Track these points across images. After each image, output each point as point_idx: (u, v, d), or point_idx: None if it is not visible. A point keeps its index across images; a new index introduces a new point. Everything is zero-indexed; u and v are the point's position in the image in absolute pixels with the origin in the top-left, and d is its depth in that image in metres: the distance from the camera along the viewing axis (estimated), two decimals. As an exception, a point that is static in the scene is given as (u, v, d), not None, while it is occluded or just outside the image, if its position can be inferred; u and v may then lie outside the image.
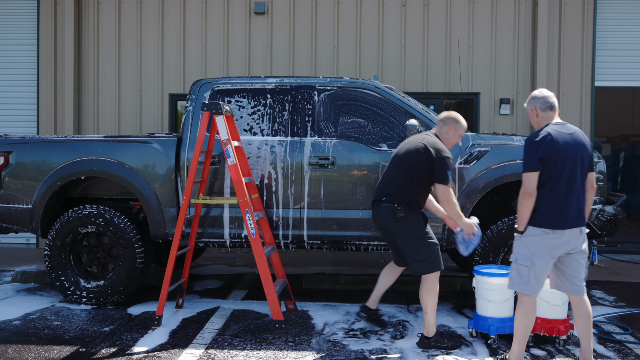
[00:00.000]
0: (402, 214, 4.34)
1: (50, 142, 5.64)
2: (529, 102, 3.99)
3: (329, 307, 5.63)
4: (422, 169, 4.33)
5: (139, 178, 5.45)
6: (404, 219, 4.36)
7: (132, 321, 5.13)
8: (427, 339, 4.43)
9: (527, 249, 3.83)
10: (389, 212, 4.39)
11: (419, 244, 4.38)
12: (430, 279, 4.39)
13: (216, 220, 5.43)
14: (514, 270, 3.91)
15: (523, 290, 3.86)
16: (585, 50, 8.35)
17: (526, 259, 3.82)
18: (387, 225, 4.45)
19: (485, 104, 8.40)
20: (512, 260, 3.93)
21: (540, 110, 3.92)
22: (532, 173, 3.75)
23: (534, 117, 3.96)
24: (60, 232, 5.52)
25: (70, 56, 8.45)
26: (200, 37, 8.57)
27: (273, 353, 4.32)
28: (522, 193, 3.77)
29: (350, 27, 8.48)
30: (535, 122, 3.97)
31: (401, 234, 4.40)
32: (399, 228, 4.39)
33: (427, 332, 4.44)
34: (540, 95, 3.94)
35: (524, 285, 3.85)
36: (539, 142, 3.75)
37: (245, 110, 5.53)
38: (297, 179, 5.36)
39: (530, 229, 3.82)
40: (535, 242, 3.80)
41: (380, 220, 4.48)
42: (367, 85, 5.49)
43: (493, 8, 8.41)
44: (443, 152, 4.32)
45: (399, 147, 4.53)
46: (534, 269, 3.80)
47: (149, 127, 8.57)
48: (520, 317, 3.89)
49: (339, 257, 8.03)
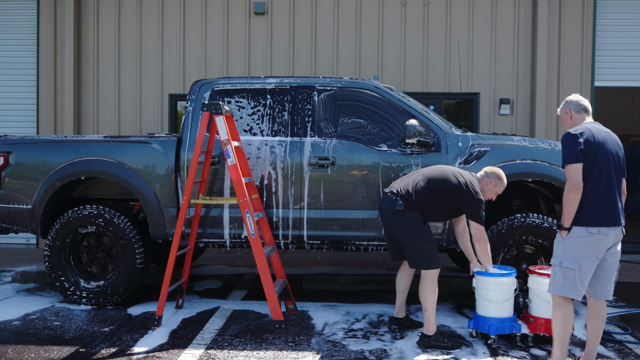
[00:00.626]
0: (401, 208, 4.41)
1: (50, 143, 5.64)
2: (562, 107, 4.02)
3: (329, 307, 5.63)
4: (450, 197, 4.44)
5: (138, 178, 5.44)
6: (402, 213, 4.43)
7: (132, 321, 5.13)
8: (427, 338, 4.44)
9: (572, 251, 3.71)
10: (389, 204, 4.48)
11: (415, 241, 4.43)
12: (429, 275, 4.41)
13: (216, 220, 5.43)
14: (558, 274, 3.77)
15: (569, 294, 3.74)
16: (585, 50, 8.36)
17: (572, 261, 3.70)
18: (386, 217, 4.54)
19: (485, 104, 8.40)
20: (555, 264, 3.80)
21: (574, 112, 3.93)
22: (576, 164, 3.66)
23: (568, 120, 3.96)
24: (60, 232, 5.52)
25: (70, 56, 8.45)
26: (200, 37, 8.57)
27: (273, 353, 4.32)
28: (569, 187, 3.66)
29: (350, 27, 8.48)
30: (569, 124, 3.96)
31: (398, 228, 4.47)
32: (396, 221, 4.46)
33: (427, 331, 4.46)
34: (574, 99, 3.98)
35: (570, 289, 3.73)
36: (578, 135, 3.70)
37: (245, 111, 5.53)
38: (297, 179, 5.36)
39: (575, 230, 3.72)
40: (580, 243, 3.70)
41: (381, 211, 4.60)
42: (367, 86, 5.48)
43: (493, 8, 8.41)
44: (478, 194, 4.43)
45: (434, 170, 4.58)
46: (580, 271, 3.69)
47: (148, 127, 8.57)
48: (560, 319, 3.79)
49: (339, 257, 8.03)
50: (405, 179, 4.62)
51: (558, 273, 3.79)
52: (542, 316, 4.54)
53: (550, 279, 3.88)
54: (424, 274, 4.44)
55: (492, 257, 5.16)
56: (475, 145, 5.29)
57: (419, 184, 4.48)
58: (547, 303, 4.49)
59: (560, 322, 3.80)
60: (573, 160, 3.67)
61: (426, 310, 4.43)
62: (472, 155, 5.25)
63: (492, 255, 5.16)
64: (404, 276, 4.83)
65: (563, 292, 3.76)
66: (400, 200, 4.43)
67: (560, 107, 4.05)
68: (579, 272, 3.70)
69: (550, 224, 5.13)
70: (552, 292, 3.83)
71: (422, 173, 4.60)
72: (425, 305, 4.43)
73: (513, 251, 5.29)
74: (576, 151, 3.67)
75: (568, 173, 3.70)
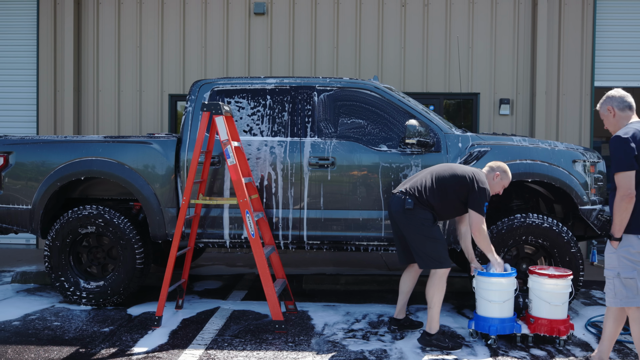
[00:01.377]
0: (410, 206, 4.40)
1: (50, 143, 5.64)
2: (603, 103, 3.79)
3: (329, 308, 5.63)
4: (459, 191, 4.44)
5: (138, 178, 5.44)
6: (412, 212, 4.42)
7: (132, 322, 5.13)
8: (429, 336, 4.44)
9: (627, 260, 3.60)
10: (398, 203, 4.48)
11: (424, 240, 4.42)
12: (439, 274, 4.42)
13: (216, 220, 5.43)
14: (617, 285, 3.63)
15: (633, 304, 3.62)
16: (585, 50, 8.36)
17: (630, 270, 3.59)
18: (395, 217, 4.51)
19: (485, 104, 8.40)
20: (612, 276, 3.67)
21: (617, 110, 3.72)
22: (630, 172, 3.49)
23: (611, 118, 3.75)
24: (60, 232, 5.52)
25: (70, 56, 8.45)
26: (200, 37, 8.57)
27: (273, 353, 4.32)
28: (622, 195, 3.50)
29: (350, 27, 8.48)
30: (611, 123, 3.76)
31: (408, 227, 4.45)
32: (405, 221, 4.45)
33: (429, 329, 4.46)
34: (617, 94, 3.75)
35: (634, 298, 3.60)
36: (630, 139, 3.49)
37: (245, 111, 5.53)
38: (296, 180, 5.36)
39: (627, 238, 3.60)
40: (634, 251, 3.59)
41: (390, 211, 4.59)
42: (367, 86, 5.48)
43: (493, 8, 8.41)
44: (485, 184, 4.44)
45: (441, 167, 4.59)
46: (639, 278, 3.61)
47: (148, 127, 8.57)
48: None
49: (339, 257, 8.03)
50: (413, 179, 4.63)
51: (617, 285, 3.64)
52: (542, 316, 4.54)
53: (608, 292, 3.72)
54: (434, 273, 4.44)
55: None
56: (475, 146, 5.28)
57: (428, 182, 4.49)
58: (547, 303, 4.50)
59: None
60: (626, 168, 3.50)
61: (431, 308, 4.44)
62: (472, 155, 5.25)
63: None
64: (408, 278, 4.83)
65: (627, 303, 3.63)
66: (410, 199, 4.44)
67: (601, 103, 3.81)
68: (639, 279, 3.60)
69: (550, 224, 5.13)
70: (615, 305, 3.68)
71: (430, 171, 4.61)
72: (431, 302, 4.43)
73: (513, 251, 5.29)
74: (630, 158, 3.48)
75: (620, 181, 3.52)
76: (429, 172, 4.60)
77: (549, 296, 4.50)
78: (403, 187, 4.58)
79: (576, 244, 5.14)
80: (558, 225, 5.14)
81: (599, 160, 5.51)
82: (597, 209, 5.31)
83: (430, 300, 4.44)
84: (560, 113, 8.36)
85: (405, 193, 4.50)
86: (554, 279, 4.50)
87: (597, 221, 5.31)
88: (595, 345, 4.62)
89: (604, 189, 5.53)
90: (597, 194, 5.41)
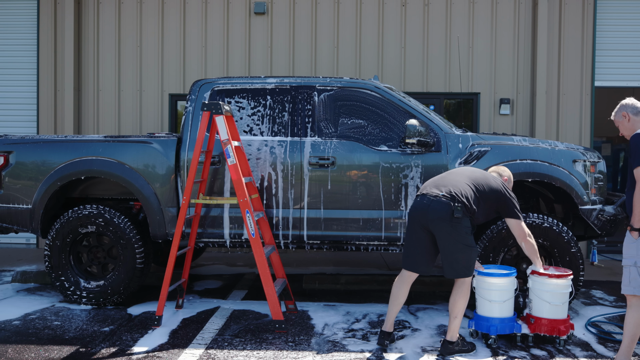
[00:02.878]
0: (460, 214, 4.15)
1: (50, 142, 5.64)
2: (618, 111, 4.08)
3: (329, 307, 5.63)
4: (496, 201, 4.37)
5: (139, 178, 5.45)
6: (460, 220, 4.18)
7: (132, 321, 5.13)
8: (451, 344, 4.32)
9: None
10: (445, 209, 4.17)
11: (464, 249, 4.22)
12: (467, 283, 4.29)
13: (216, 220, 5.43)
14: (632, 273, 3.84)
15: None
16: (585, 50, 8.35)
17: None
18: (437, 222, 4.19)
19: (485, 104, 8.40)
20: (630, 264, 3.86)
21: (632, 115, 4.00)
22: None
23: (626, 123, 4.02)
24: (60, 232, 5.52)
25: (70, 56, 8.45)
26: (200, 37, 8.57)
27: (273, 353, 4.32)
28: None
29: (350, 27, 8.48)
30: (627, 127, 4.03)
31: (451, 234, 4.18)
32: (450, 228, 4.17)
33: (451, 337, 4.33)
34: (629, 102, 4.06)
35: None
36: None
37: (245, 111, 5.53)
38: (297, 179, 5.36)
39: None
40: None
41: (430, 216, 4.21)
42: (367, 86, 5.48)
43: (493, 8, 8.41)
44: (510, 190, 4.43)
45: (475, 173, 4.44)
46: None
47: (149, 127, 8.57)
48: (637, 320, 3.85)
49: (339, 257, 8.03)
50: (447, 182, 4.34)
51: (633, 273, 3.84)
52: (542, 316, 4.54)
53: (624, 280, 3.91)
54: (462, 282, 4.28)
55: (492, 257, 5.17)
56: (475, 145, 5.29)
57: (470, 191, 4.28)
58: (547, 303, 4.50)
59: (638, 323, 3.85)
60: None
61: (456, 318, 4.29)
62: (472, 155, 5.25)
63: (492, 256, 5.17)
64: (404, 287, 4.43)
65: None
66: (459, 206, 4.17)
67: (616, 111, 4.11)
68: None
69: (551, 224, 5.13)
70: (629, 292, 3.87)
71: (466, 177, 4.38)
72: (457, 312, 4.29)
73: (513, 251, 5.29)
74: None
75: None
76: (467, 178, 4.36)
77: (549, 296, 4.49)
78: (442, 190, 4.27)
79: (576, 244, 5.14)
80: (558, 225, 5.14)
81: (599, 160, 5.51)
82: (597, 208, 5.32)
83: (456, 310, 4.28)
84: (561, 113, 8.36)
85: (452, 199, 4.20)
86: (554, 279, 4.50)
87: (598, 221, 5.31)
88: (595, 345, 4.63)
89: (605, 189, 5.53)
90: (598, 194, 5.41)
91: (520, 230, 4.38)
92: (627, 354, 3.90)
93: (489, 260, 5.16)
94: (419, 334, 4.81)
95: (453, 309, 4.31)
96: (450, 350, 4.31)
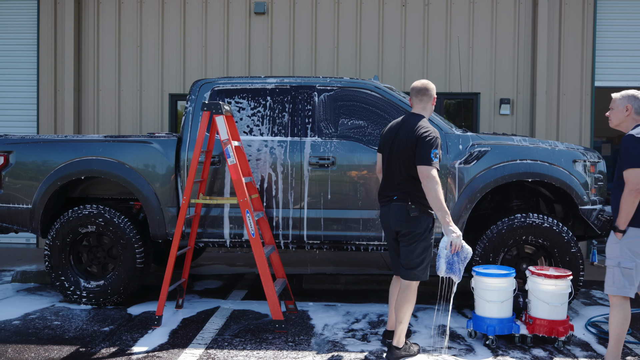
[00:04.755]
0: (416, 213, 4.03)
1: (50, 142, 5.64)
2: (624, 98, 3.93)
3: (329, 307, 5.63)
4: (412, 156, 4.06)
5: (138, 178, 5.45)
6: (417, 219, 4.05)
7: (132, 321, 5.13)
8: (398, 349, 4.16)
9: (629, 251, 3.81)
10: (401, 211, 4.06)
11: (422, 249, 4.09)
12: (413, 287, 4.12)
13: (216, 220, 5.43)
14: (616, 274, 3.84)
15: (628, 293, 3.83)
16: (585, 50, 8.35)
17: (630, 261, 3.80)
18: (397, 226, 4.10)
19: (485, 104, 8.40)
20: (613, 265, 3.87)
21: (634, 112, 3.91)
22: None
23: (622, 114, 3.93)
24: (60, 232, 5.52)
25: (70, 56, 8.45)
26: (200, 37, 8.57)
27: (273, 353, 4.32)
28: (630, 190, 3.72)
29: (350, 27, 8.48)
30: (619, 118, 3.94)
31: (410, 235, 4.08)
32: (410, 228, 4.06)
33: (398, 343, 4.15)
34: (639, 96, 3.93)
35: (629, 288, 3.81)
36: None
37: (245, 111, 5.53)
38: (297, 179, 5.36)
39: (631, 231, 3.80)
40: (635, 243, 3.80)
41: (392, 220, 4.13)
42: (367, 86, 5.48)
43: (493, 8, 8.41)
44: (429, 132, 4.04)
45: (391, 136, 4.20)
46: (637, 270, 3.81)
47: (149, 127, 8.57)
48: (621, 320, 3.86)
49: (339, 257, 8.03)
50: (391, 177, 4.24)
51: (617, 273, 3.84)
52: (541, 317, 4.53)
53: (607, 280, 3.91)
54: (408, 284, 4.13)
55: (492, 257, 5.17)
56: (475, 145, 5.29)
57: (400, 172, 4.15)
58: (546, 304, 4.50)
59: (622, 322, 3.86)
60: (638, 165, 3.71)
61: (402, 323, 4.12)
62: (472, 155, 5.25)
63: (492, 255, 5.17)
64: (397, 286, 4.41)
65: (623, 292, 3.83)
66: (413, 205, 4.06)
67: (623, 96, 3.95)
68: (636, 270, 3.81)
69: (550, 224, 5.13)
70: (613, 292, 3.87)
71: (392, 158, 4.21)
72: (403, 317, 4.11)
73: (513, 251, 5.29)
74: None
75: (631, 176, 3.73)
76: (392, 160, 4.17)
77: (548, 297, 4.49)
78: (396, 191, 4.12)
79: (576, 244, 5.15)
80: (558, 225, 5.14)
81: (599, 160, 5.51)
82: (597, 209, 5.31)
83: (403, 316, 4.10)
84: (561, 113, 8.36)
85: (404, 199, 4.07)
86: (553, 280, 4.50)
87: (598, 221, 5.31)
88: (595, 346, 4.63)
89: (605, 189, 5.53)
90: (598, 194, 5.40)
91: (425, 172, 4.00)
92: (615, 355, 3.89)
93: (489, 261, 5.17)
94: (418, 335, 4.81)
95: (400, 315, 4.11)
96: (396, 356, 4.13)
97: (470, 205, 5.21)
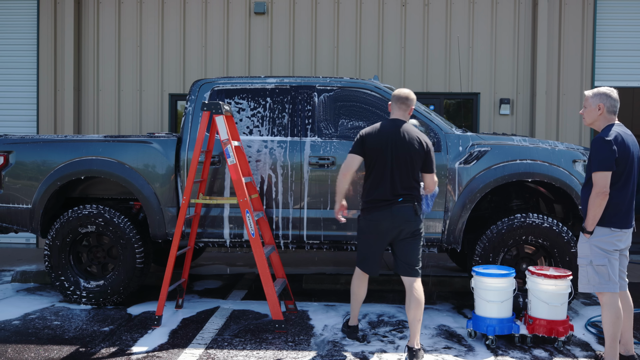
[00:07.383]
0: (420, 212, 4.35)
1: (50, 142, 5.64)
2: (596, 97, 3.91)
3: (329, 307, 5.63)
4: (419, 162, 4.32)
5: (138, 178, 5.45)
6: (420, 217, 4.36)
7: (132, 321, 5.13)
8: (419, 350, 4.17)
9: (599, 249, 3.88)
10: (410, 211, 4.27)
11: (420, 245, 4.42)
12: (420, 283, 4.35)
13: (216, 220, 5.43)
14: (590, 272, 3.90)
15: (607, 289, 3.87)
16: (585, 50, 8.36)
17: (601, 258, 3.87)
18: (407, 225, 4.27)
19: (485, 104, 8.40)
20: (585, 264, 3.93)
21: (606, 111, 3.91)
22: (608, 172, 3.78)
23: (595, 113, 3.92)
24: (60, 232, 5.52)
25: (70, 56, 8.45)
26: (200, 37, 8.57)
27: (273, 353, 4.32)
28: (597, 193, 3.78)
29: (350, 27, 8.48)
30: (592, 117, 3.94)
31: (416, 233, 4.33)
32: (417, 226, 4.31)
33: (418, 343, 4.21)
34: (613, 96, 3.92)
35: (606, 284, 3.87)
36: (612, 142, 3.77)
37: (245, 112, 5.53)
38: (297, 179, 5.36)
39: (599, 230, 3.88)
40: (605, 240, 3.87)
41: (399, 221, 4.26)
42: (367, 86, 5.48)
43: (493, 8, 8.41)
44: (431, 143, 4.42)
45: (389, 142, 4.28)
46: (611, 266, 3.87)
47: (149, 127, 8.57)
48: (613, 319, 3.88)
49: (339, 257, 8.03)
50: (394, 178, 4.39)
51: (590, 272, 3.91)
52: (541, 317, 4.53)
53: (581, 279, 3.97)
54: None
55: (492, 257, 5.17)
56: (475, 146, 5.28)
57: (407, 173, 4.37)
58: (545, 304, 4.49)
59: (614, 321, 3.89)
60: (606, 168, 3.76)
61: (420, 321, 4.25)
62: (472, 155, 5.25)
63: (492, 255, 5.17)
64: (364, 283, 4.66)
65: (600, 289, 3.89)
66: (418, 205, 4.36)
67: (595, 94, 3.92)
68: (610, 266, 3.86)
69: (550, 224, 5.13)
70: (588, 290, 3.94)
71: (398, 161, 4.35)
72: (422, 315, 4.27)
73: (513, 251, 5.29)
74: (611, 160, 3.76)
75: (598, 179, 3.78)
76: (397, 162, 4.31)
77: (548, 297, 4.49)
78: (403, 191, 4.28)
79: (576, 244, 5.14)
80: (558, 225, 5.14)
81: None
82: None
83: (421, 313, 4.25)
84: (561, 113, 8.36)
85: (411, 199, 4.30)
86: (553, 280, 4.50)
87: (597, 221, 5.30)
88: (595, 346, 4.63)
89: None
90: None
91: None
92: (613, 355, 3.91)
93: (489, 261, 5.17)
94: (418, 334, 4.81)
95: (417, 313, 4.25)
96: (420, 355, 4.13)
97: (470, 205, 5.21)
